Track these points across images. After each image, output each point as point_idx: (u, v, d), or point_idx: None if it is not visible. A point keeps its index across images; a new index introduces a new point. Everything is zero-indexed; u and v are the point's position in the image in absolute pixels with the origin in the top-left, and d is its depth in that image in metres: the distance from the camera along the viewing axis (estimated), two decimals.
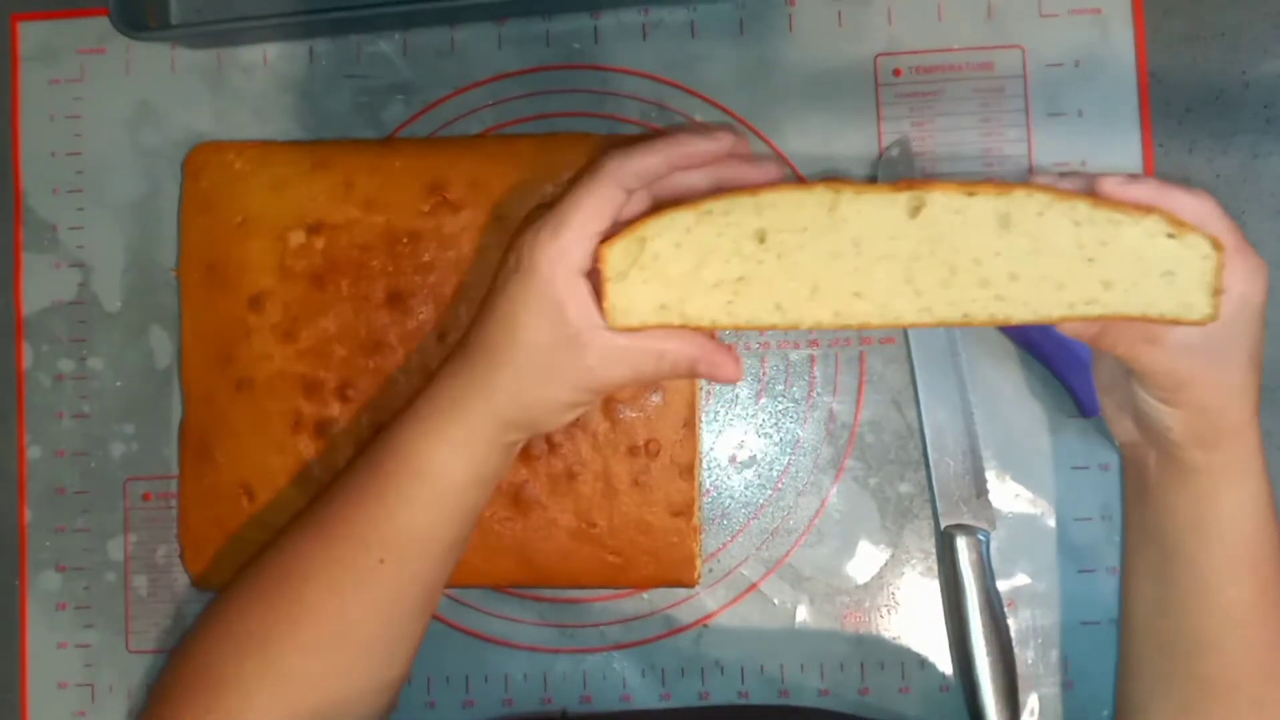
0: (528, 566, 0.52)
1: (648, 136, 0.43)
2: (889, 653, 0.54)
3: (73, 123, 0.58)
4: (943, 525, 0.53)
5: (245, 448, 0.53)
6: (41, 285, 0.58)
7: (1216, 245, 0.39)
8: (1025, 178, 0.41)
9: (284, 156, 0.54)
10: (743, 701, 0.54)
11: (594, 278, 0.42)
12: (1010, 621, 0.52)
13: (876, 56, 0.55)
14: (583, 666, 0.55)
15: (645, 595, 0.55)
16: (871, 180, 0.54)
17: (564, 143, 0.53)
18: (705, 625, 0.54)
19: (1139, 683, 0.48)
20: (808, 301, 0.40)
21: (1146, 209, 0.39)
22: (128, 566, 0.56)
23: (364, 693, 0.45)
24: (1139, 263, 0.39)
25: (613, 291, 0.40)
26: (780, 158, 0.55)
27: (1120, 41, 0.54)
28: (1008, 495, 0.54)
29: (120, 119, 0.58)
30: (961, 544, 0.52)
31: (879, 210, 0.39)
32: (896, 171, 0.54)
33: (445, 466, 0.44)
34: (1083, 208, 0.39)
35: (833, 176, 0.42)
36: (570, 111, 0.56)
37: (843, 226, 0.39)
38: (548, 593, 0.55)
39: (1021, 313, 0.39)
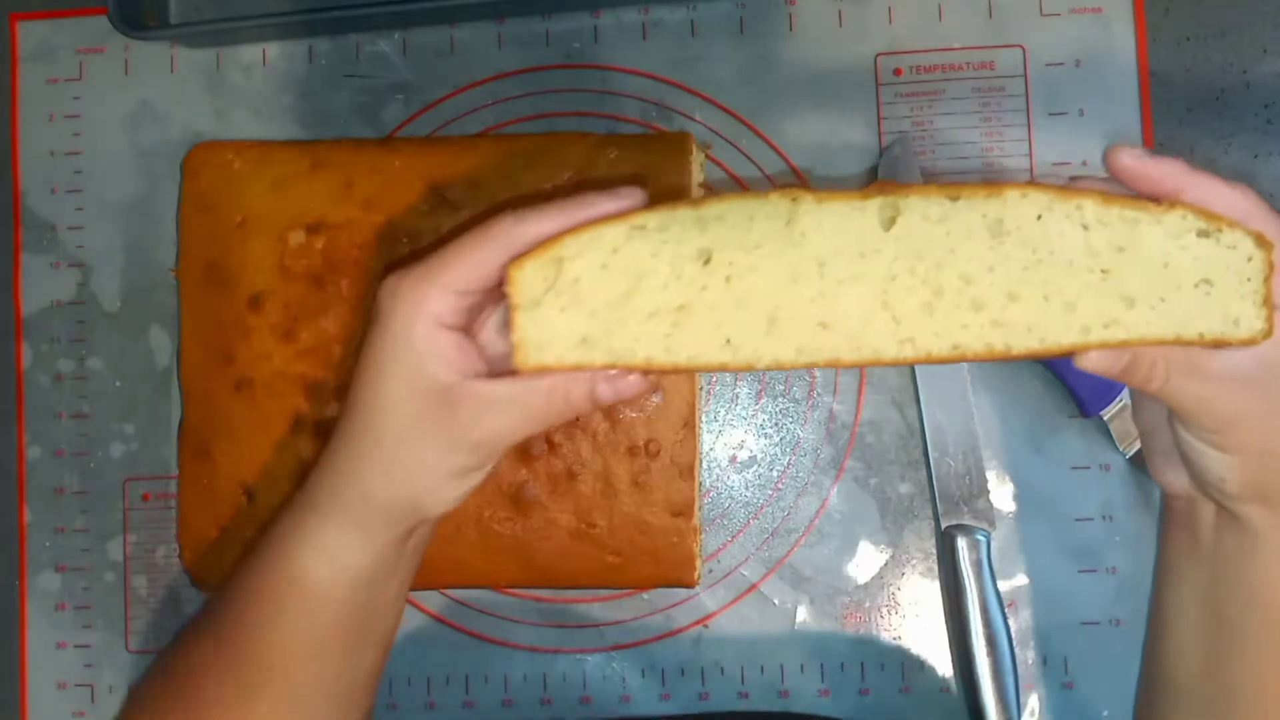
0: (528, 567, 0.52)
1: (549, 197, 0.38)
2: (889, 653, 0.54)
3: (72, 122, 0.58)
4: (943, 525, 0.53)
5: (245, 448, 0.53)
6: (40, 285, 0.58)
7: (1262, 242, 0.32)
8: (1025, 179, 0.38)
9: (283, 156, 0.54)
10: (743, 702, 0.54)
11: (468, 328, 0.38)
12: (1010, 621, 0.52)
13: (877, 56, 0.55)
14: (582, 667, 0.55)
15: (645, 595, 0.55)
16: (872, 176, 0.54)
17: (564, 142, 0.52)
18: (705, 626, 0.54)
19: None
20: (764, 335, 0.34)
21: (1170, 202, 0.33)
22: (127, 567, 0.56)
23: None
24: (1166, 271, 0.33)
25: (522, 322, 0.34)
26: (783, 158, 0.55)
27: (1121, 41, 0.54)
28: (1008, 495, 0.54)
29: (119, 118, 0.58)
30: (962, 544, 0.52)
31: (846, 222, 0.33)
32: (897, 171, 0.54)
33: (316, 574, 0.40)
34: (1090, 206, 0.33)
35: (791, 183, 0.35)
36: (570, 111, 0.56)
37: (803, 243, 0.34)
38: (547, 593, 0.55)
39: (1025, 340, 0.33)
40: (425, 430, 0.38)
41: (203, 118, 0.57)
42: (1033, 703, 0.53)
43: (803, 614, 0.54)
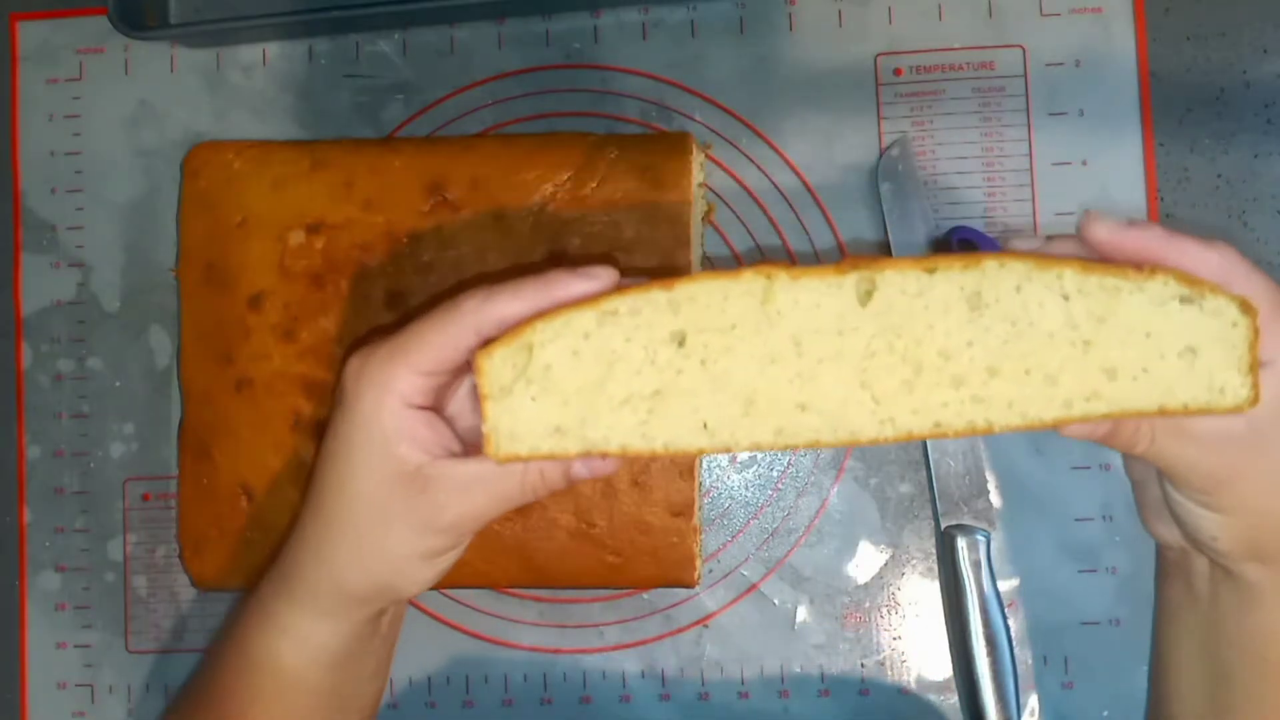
0: (528, 567, 0.52)
1: (518, 274, 0.36)
2: (889, 653, 0.54)
3: (72, 122, 0.58)
4: (943, 525, 0.53)
5: (244, 448, 0.53)
6: (41, 285, 0.58)
7: (1246, 308, 0.31)
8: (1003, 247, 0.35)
9: (283, 156, 0.54)
10: (743, 702, 0.54)
11: (438, 404, 0.38)
12: (1010, 622, 0.52)
13: (877, 56, 0.55)
14: (582, 666, 0.55)
15: (645, 595, 0.55)
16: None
17: (564, 142, 0.52)
18: (705, 625, 0.54)
19: None
20: (742, 418, 0.33)
21: (1150, 269, 0.32)
22: (127, 567, 0.56)
23: None
24: (1148, 340, 0.32)
25: (493, 412, 0.34)
26: (783, 158, 0.55)
27: (1121, 41, 0.54)
28: (1008, 495, 0.54)
29: (119, 118, 0.58)
30: (961, 544, 0.52)
31: (822, 298, 0.33)
32: (897, 171, 0.54)
33: (286, 659, 0.40)
34: (1070, 275, 0.32)
35: (763, 261, 0.34)
36: (570, 111, 0.56)
37: (779, 321, 0.33)
38: (547, 593, 0.55)
39: (1006, 417, 0.33)
40: (396, 515, 0.37)
41: (203, 118, 0.57)
42: (1032, 703, 0.53)
43: (803, 614, 0.54)
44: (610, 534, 0.51)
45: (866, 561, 0.54)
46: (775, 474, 0.55)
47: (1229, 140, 0.54)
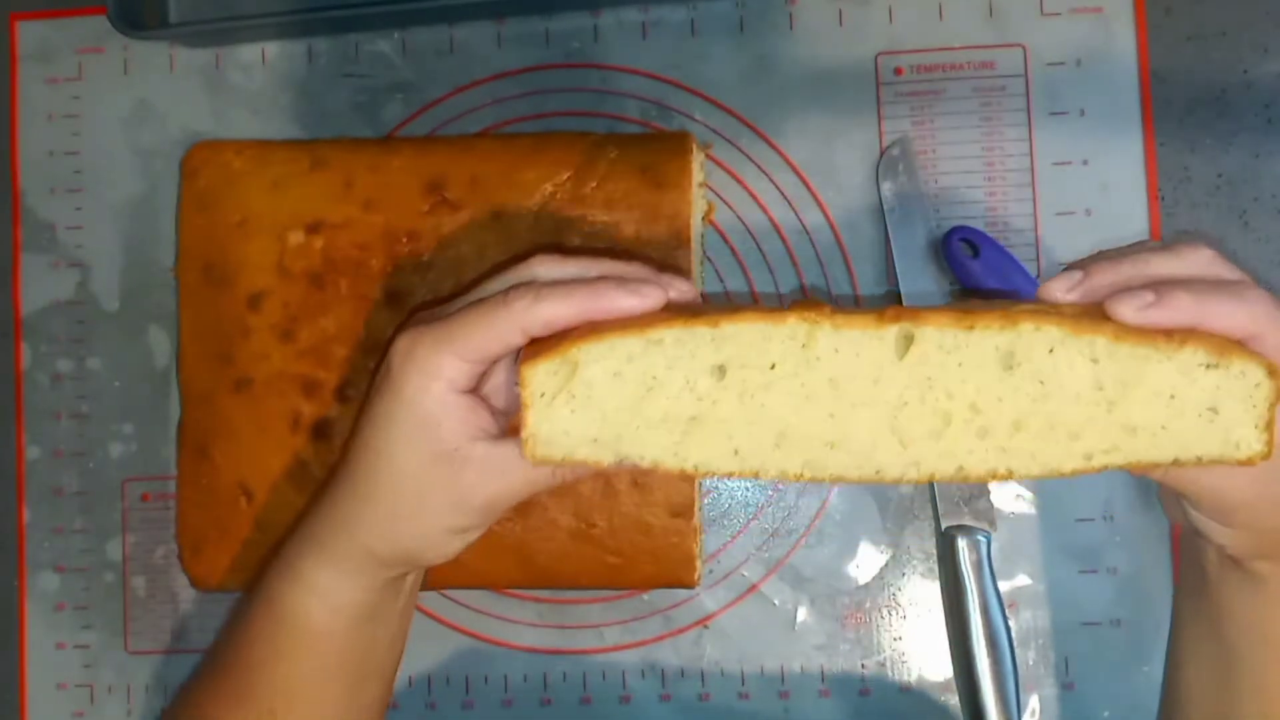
0: (527, 567, 0.52)
1: (576, 269, 0.39)
2: (889, 654, 0.54)
3: (71, 122, 0.58)
4: (943, 526, 0.53)
5: (244, 448, 0.52)
6: (40, 285, 0.58)
7: (1272, 371, 0.33)
8: (1031, 293, 0.37)
9: (282, 155, 0.53)
10: (743, 702, 0.54)
11: (478, 387, 0.39)
12: (1011, 622, 0.52)
13: (877, 55, 0.55)
14: (582, 667, 0.55)
15: (645, 596, 0.55)
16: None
17: (563, 142, 0.52)
18: (705, 626, 0.54)
19: None
20: (773, 449, 0.35)
21: (1180, 339, 0.33)
22: (126, 567, 0.56)
23: None
24: (1172, 403, 0.33)
25: (533, 419, 0.35)
26: (783, 157, 0.55)
27: (1122, 40, 0.54)
28: (1008, 495, 0.54)
29: (118, 118, 0.58)
30: (962, 545, 0.52)
31: (862, 348, 0.34)
32: (897, 171, 0.54)
33: (312, 614, 0.41)
34: (1102, 343, 0.33)
35: (804, 301, 0.35)
36: (570, 110, 0.56)
37: (818, 364, 0.34)
38: (547, 594, 0.55)
39: (1027, 466, 0.34)
40: (431, 493, 0.39)
41: (202, 117, 0.57)
42: (1033, 703, 0.53)
43: (803, 614, 0.54)
44: (610, 534, 0.51)
45: (867, 562, 0.54)
46: None
47: (1230, 140, 0.54)
